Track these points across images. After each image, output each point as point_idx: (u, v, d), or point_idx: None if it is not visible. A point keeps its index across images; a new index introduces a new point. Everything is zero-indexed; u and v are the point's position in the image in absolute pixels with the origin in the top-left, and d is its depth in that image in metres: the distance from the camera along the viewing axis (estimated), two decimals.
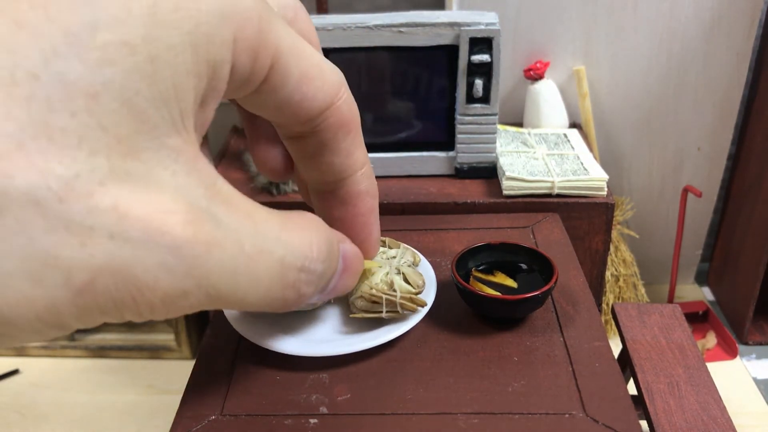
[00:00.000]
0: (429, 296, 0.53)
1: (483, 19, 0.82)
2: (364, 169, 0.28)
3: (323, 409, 0.45)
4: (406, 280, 0.53)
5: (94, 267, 0.16)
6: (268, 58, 0.21)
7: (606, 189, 0.83)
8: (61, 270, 0.16)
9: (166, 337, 1.31)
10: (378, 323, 0.51)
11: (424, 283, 0.53)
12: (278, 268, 0.20)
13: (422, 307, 0.51)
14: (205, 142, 0.28)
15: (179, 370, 1.28)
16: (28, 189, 0.15)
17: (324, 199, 0.28)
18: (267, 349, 0.49)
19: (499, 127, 1.04)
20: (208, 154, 0.29)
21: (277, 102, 0.23)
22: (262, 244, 0.20)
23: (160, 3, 0.17)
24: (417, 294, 0.52)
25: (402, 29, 0.82)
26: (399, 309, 0.50)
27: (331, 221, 0.29)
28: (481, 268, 0.58)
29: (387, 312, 0.50)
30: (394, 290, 0.51)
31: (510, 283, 0.56)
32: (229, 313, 0.52)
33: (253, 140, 0.30)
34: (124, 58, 0.16)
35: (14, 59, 0.15)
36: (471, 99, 0.85)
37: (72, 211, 0.15)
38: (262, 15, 0.20)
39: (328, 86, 0.24)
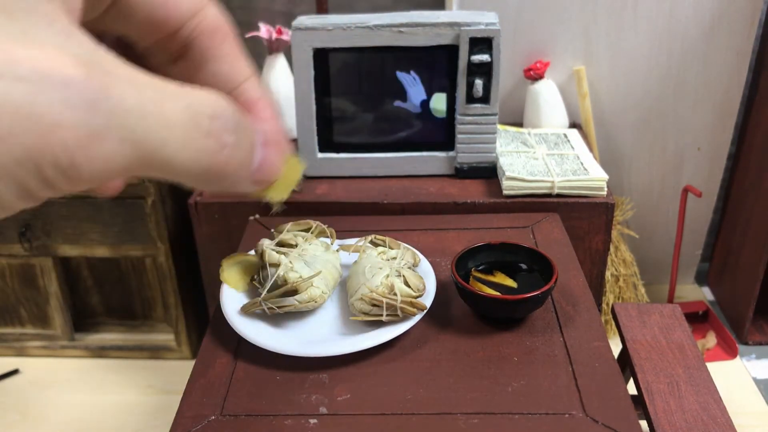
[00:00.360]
0: (429, 297, 0.53)
1: (483, 19, 0.82)
2: (253, 78, 0.27)
3: (323, 409, 0.45)
4: (406, 283, 0.53)
5: None
6: None
7: (606, 189, 0.83)
8: None
9: (166, 337, 1.31)
10: (377, 323, 0.51)
11: (424, 286, 0.53)
12: (188, 114, 0.19)
13: (422, 310, 0.51)
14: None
15: (179, 370, 1.28)
16: None
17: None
18: (267, 350, 0.49)
19: (499, 127, 1.04)
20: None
21: (142, 10, 0.22)
22: (163, 89, 0.19)
23: None
24: (417, 297, 0.52)
25: (402, 29, 0.82)
26: (399, 313, 0.50)
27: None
28: (481, 268, 0.58)
29: (387, 315, 0.50)
30: (395, 294, 0.51)
31: (510, 283, 0.56)
32: (229, 313, 0.52)
33: None
34: None
35: None
36: (471, 99, 0.85)
37: None
38: None
39: None
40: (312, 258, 0.55)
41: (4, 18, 0.16)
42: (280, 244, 0.57)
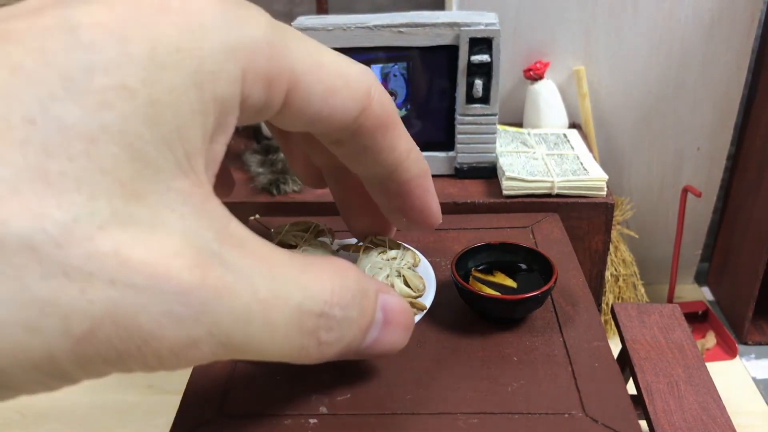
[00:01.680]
0: (429, 297, 0.53)
1: (483, 19, 0.82)
2: (410, 156, 0.27)
3: (323, 409, 0.45)
4: (406, 284, 0.53)
5: (95, 315, 0.15)
6: (284, 84, 0.20)
7: (606, 189, 0.83)
8: (59, 318, 0.15)
9: None
10: None
11: (424, 286, 0.53)
12: (296, 315, 0.19)
13: (422, 311, 0.51)
14: (226, 168, 0.27)
15: (179, 370, 1.28)
16: (24, 234, 0.14)
17: (378, 191, 0.28)
18: None
19: (499, 127, 1.04)
20: (230, 179, 0.28)
21: (306, 120, 0.22)
22: (278, 289, 0.19)
23: (160, 45, 0.16)
24: (417, 298, 0.52)
25: (402, 29, 0.82)
26: None
27: (391, 209, 0.29)
28: (480, 268, 0.58)
29: None
30: None
31: (510, 283, 0.56)
32: None
33: (289, 155, 0.29)
34: (123, 102, 0.16)
35: (10, 104, 0.15)
36: (471, 99, 0.85)
37: (70, 257, 0.15)
38: (274, 41, 0.20)
39: (356, 93, 0.24)
40: None
41: (134, 203, 0.16)
42: (280, 245, 0.57)
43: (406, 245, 0.58)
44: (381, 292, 0.24)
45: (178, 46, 0.17)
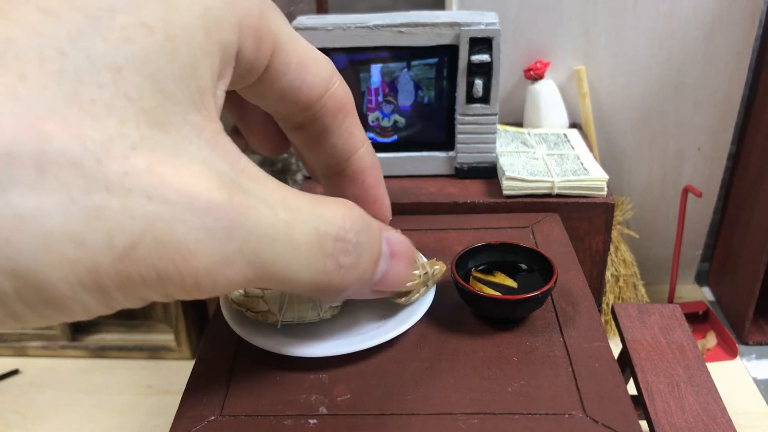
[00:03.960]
0: (429, 297, 0.53)
1: (483, 19, 0.82)
2: (365, 146, 0.29)
3: (323, 410, 0.45)
4: None
5: (136, 230, 0.16)
6: (270, 44, 0.22)
7: (606, 189, 0.83)
8: (103, 232, 0.16)
9: (166, 337, 1.31)
10: (377, 322, 0.51)
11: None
12: (315, 236, 0.20)
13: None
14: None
15: (179, 370, 1.28)
16: (67, 150, 0.15)
17: (334, 181, 0.30)
18: (267, 350, 0.49)
19: (499, 127, 1.04)
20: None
21: (279, 89, 0.24)
22: (295, 213, 0.20)
23: None
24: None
25: (402, 29, 0.82)
26: (430, 282, 0.52)
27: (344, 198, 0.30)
28: (481, 268, 0.58)
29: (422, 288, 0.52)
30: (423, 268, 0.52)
31: (510, 283, 0.56)
32: (228, 314, 0.52)
33: (247, 128, 0.31)
34: (143, 38, 0.17)
35: (42, 40, 0.16)
36: (471, 99, 0.85)
37: (110, 172, 0.16)
38: (263, 5, 0.22)
39: (324, 72, 0.25)
40: None
41: (158, 131, 0.17)
42: None
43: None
44: (382, 228, 0.26)
45: None
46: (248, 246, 0.18)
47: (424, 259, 0.54)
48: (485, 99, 0.85)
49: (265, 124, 0.30)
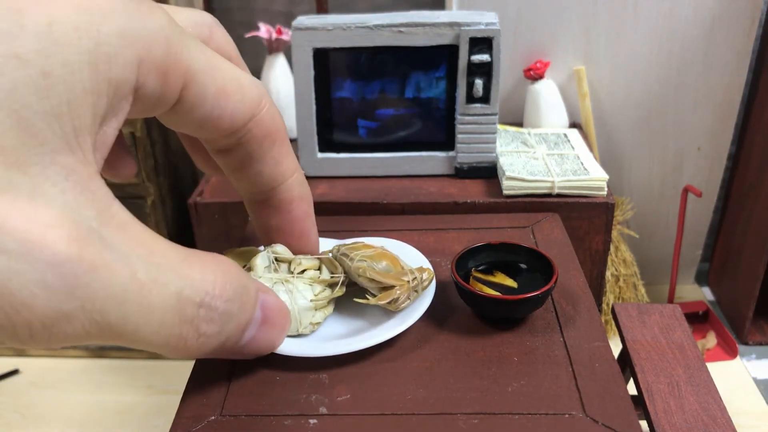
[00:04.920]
0: (429, 297, 0.53)
1: (483, 19, 0.82)
2: (294, 176, 0.27)
3: (323, 410, 0.45)
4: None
5: None
6: (180, 79, 0.21)
7: (606, 189, 0.83)
8: None
9: None
10: (377, 322, 0.51)
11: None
12: (174, 301, 0.19)
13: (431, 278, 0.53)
14: (127, 155, 0.27)
15: (179, 370, 1.28)
16: None
17: (259, 209, 0.28)
18: None
19: (499, 127, 1.04)
20: (132, 165, 0.28)
21: (197, 119, 0.23)
22: (157, 274, 0.19)
23: (58, 22, 0.17)
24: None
25: (402, 29, 0.82)
26: (419, 288, 0.52)
27: (269, 230, 0.29)
28: (481, 268, 0.58)
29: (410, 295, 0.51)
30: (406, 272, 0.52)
31: (510, 283, 0.56)
32: None
33: (192, 149, 0.29)
34: (13, 70, 0.16)
35: None
36: (471, 99, 0.85)
37: None
38: (171, 37, 0.20)
39: (248, 99, 0.24)
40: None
41: (15, 172, 0.16)
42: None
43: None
44: (261, 291, 0.25)
45: (75, 25, 0.17)
46: (92, 305, 0.17)
47: (411, 265, 0.54)
48: (485, 99, 0.85)
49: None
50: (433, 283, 0.55)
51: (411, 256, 0.59)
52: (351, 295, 0.54)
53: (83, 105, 0.17)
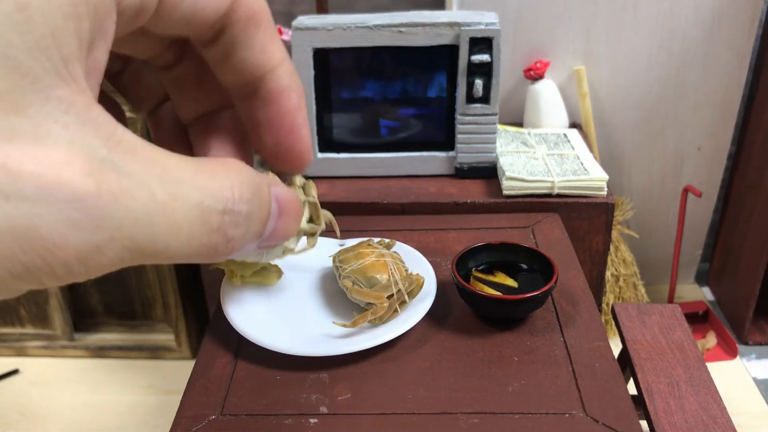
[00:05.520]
0: (429, 297, 0.53)
1: (483, 19, 0.82)
2: (284, 65, 0.27)
3: (323, 409, 0.45)
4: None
5: None
6: None
7: (606, 189, 0.83)
8: None
9: (166, 337, 1.31)
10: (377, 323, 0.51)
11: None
12: (197, 213, 0.19)
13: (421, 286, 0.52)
14: (111, 99, 0.26)
15: (179, 370, 1.28)
16: None
17: (247, 103, 0.27)
18: (267, 349, 0.49)
19: (499, 127, 1.04)
20: (118, 109, 0.28)
21: (181, 16, 0.22)
22: (175, 191, 0.19)
23: None
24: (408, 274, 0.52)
25: (402, 29, 0.82)
26: (407, 298, 0.51)
27: (258, 126, 0.28)
28: (481, 268, 0.58)
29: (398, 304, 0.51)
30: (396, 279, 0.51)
31: (510, 283, 0.56)
32: (229, 313, 0.52)
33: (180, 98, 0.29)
34: None
35: None
36: (471, 99, 0.85)
37: None
38: None
39: None
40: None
41: (14, 116, 0.16)
42: None
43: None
44: (271, 185, 0.25)
45: None
46: (121, 233, 0.17)
47: (397, 276, 0.54)
48: (485, 99, 0.85)
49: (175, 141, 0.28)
50: (434, 284, 0.55)
51: (414, 258, 0.60)
52: (351, 297, 0.54)
53: (66, 32, 0.17)
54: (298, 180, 0.45)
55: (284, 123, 0.27)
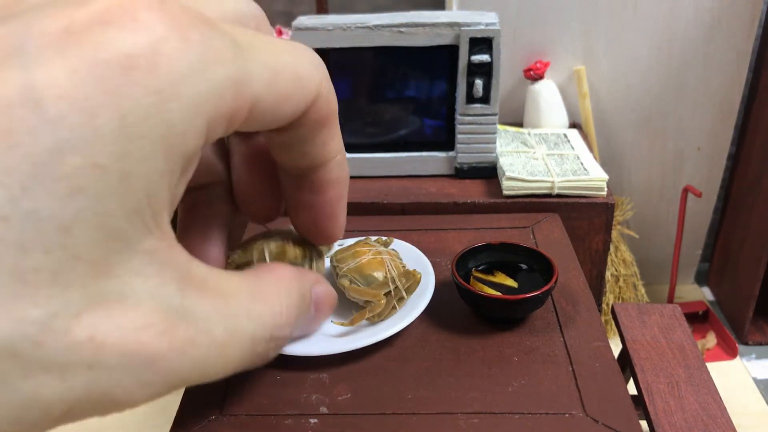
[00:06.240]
0: (428, 297, 0.53)
1: (483, 19, 0.82)
2: (337, 157, 0.27)
3: (323, 409, 0.45)
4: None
5: (73, 398, 0.16)
6: (244, 112, 0.19)
7: (606, 189, 0.83)
8: (40, 408, 0.16)
9: None
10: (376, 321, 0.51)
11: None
12: (249, 345, 0.20)
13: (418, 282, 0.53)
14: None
15: None
16: (4, 341, 0.14)
17: (294, 183, 0.27)
18: None
19: (499, 127, 1.04)
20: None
21: (261, 124, 0.22)
22: (233, 326, 0.19)
23: (129, 114, 0.16)
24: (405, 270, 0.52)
25: (402, 29, 0.82)
26: (405, 294, 0.51)
27: (299, 205, 0.28)
28: (481, 268, 0.58)
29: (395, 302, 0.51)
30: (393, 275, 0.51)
31: (510, 283, 0.56)
32: None
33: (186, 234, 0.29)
34: (95, 182, 0.15)
35: None
36: (471, 99, 0.85)
37: (49, 353, 0.15)
38: (237, 76, 0.18)
39: (306, 93, 0.22)
40: None
41: (104, 279, 0.16)
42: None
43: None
44: (314, 285, 0.25)
45: (147, 112, 0.16)
46: (178, 378, 0.18)
47: (394, 273, 0.54)
48: (485, 99, 0.85)
49: (206, 235, 0.28)
50: (432, 282, 0.55)
51: (412, 254, 0.60)
52: (349, 296, 0.54)
53: (160, 189, 0.17)
54: None
55: (325, 210, 0.28)
